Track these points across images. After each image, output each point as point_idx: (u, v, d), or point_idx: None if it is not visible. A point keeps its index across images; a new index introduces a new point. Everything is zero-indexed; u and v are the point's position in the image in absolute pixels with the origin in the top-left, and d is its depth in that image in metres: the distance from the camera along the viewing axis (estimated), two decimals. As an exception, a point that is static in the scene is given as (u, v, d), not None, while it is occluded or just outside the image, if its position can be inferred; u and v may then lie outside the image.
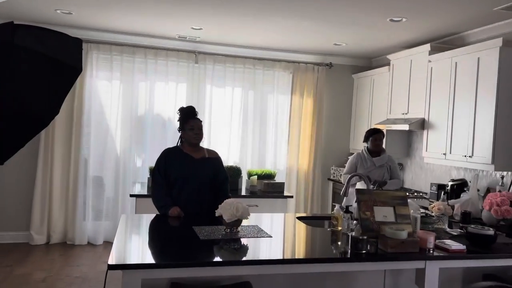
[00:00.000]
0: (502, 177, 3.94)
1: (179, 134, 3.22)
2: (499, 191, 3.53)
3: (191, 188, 3.09)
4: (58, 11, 4.63)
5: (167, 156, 3.18)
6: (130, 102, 5.65)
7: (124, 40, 5.60)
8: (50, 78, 1.95)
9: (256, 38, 5.48)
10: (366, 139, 4.39)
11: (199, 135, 3.15)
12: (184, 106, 3.29)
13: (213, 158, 3.26)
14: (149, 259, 2.12)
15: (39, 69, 1.91)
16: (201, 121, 3.21)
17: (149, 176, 4.51)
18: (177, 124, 3.19)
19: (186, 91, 5.83)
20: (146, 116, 5.73)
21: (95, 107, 5.61)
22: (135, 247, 2.39)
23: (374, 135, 4.32)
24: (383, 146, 4.44)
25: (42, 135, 5.36)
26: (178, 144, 3.25)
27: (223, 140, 5.98)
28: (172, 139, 5.68)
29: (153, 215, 3.06)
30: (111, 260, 2.01)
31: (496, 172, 4.14)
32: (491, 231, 2.59)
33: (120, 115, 5.63)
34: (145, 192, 4.34)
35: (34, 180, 5.39)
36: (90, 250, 5.29)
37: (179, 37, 5.59)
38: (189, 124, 3.14)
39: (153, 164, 4.84)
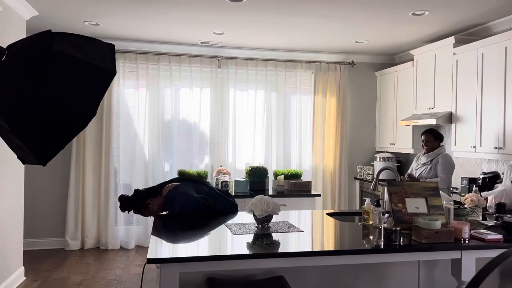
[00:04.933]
0: (537, 168, 3.83)
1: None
2: (534, 181, 3.44)
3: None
4: (86, 23, 4.81)
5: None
6: (156, 108, 5.78)
7: (148, 48, 5.74)
8: (87, 81, 2.05)
9: (277, 40, 5.53)
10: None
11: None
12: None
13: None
14: (186, 254, 2.18)
15: (77, 73, 2.01)
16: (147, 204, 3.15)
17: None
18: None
19: (210, 96, 5.92)
20: (172, 122, 5.85)
21: (123, 115, 5.77)
22: (171, 243, 2.45)
23: (422, 136, 4.38)
24: (436, 144, 4.27)
25: (73, 145, 5.54)
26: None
27: (248, 142, 6.03)
28: (198, 142, 5.81)
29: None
30: (150, 255, 2.08)
31: (529, 163, 4.04)
32: (528, 220, 2.54)
33: (147, 121, 5.77)
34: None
35: (67, 189, 5.58)
36: (123, 254, 5.41)
37: (201, 43, 5.69)
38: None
39: (181, 168, 4.99)
